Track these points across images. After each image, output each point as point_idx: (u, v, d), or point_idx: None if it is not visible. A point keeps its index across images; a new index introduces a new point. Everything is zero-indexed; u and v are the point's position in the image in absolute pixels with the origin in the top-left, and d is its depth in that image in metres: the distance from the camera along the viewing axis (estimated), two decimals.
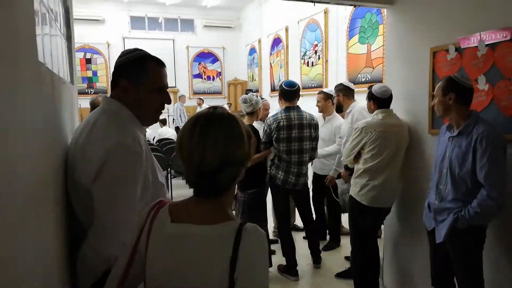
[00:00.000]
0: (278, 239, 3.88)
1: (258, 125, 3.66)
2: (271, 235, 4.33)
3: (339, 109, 3.77)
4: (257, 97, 3.49)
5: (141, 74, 1.34)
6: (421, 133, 2.92)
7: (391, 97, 2.92)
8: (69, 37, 2.04)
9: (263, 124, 3.58)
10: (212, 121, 1.00)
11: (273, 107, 3.51)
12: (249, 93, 3.58)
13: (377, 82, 5.99)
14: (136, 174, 1.25)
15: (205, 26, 12.81)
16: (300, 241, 4.16)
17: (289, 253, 3.50)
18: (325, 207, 4.24)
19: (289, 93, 3.39)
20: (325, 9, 7.75)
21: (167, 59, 12.90)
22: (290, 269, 3.49)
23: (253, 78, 12.41)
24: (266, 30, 10.98)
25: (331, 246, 4.15)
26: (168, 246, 1.00)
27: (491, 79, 2.35)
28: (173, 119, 11.26)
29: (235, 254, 0.94)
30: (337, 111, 3.88)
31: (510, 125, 2.23)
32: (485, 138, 2.01)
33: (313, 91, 8.46)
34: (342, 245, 4.18)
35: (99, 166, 1.20)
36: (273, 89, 10.72)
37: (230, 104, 11.89)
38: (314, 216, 3.89)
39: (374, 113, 2.92)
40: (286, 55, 9.93)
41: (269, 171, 3.51)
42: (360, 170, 2.91)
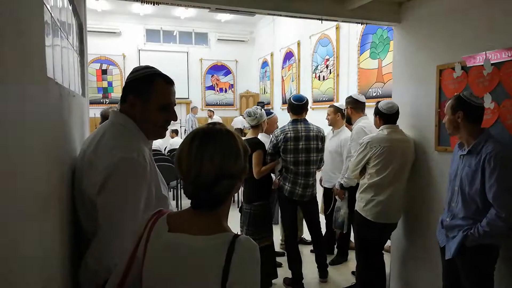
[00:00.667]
0: (285, 251, 3.87)
1: (266, 138, 3.70)
2: (278, 247, 4.33)
3: (349, 121, 3.80)
4: (261, 110, 3.54)
5: (148, 92, 1.40)
6: (427, 150, 2.92)
7: (397, 113, 2.93)
8: (81, 51, 2.12)
9: (269, 137, 3.62)
10: (210, 135, 1.06)
11: (285, 119, 3.55)
12: (253, 107, 3.64)
13: (387, 97, 5.99)
14: (140, 187, 1.29)
15: (218, 39, 13.01)
16: (308, 255, 4.15)
17: (295, 266, 3.49)
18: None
19: (297, 107, 3.43)
20: (336, 24, 7.82)
21: (180, 71, 13.13)
22: (295, 283, 3.47)
23: (264, 91, 12.50)
24: (279, 44, 11.10)
25: (338, 261, 4.12)
26: (164, 255, 1.04)
27: (497, 97, 2.35)
28: (185, 129, 11.39)
29: (228, 264, 0.98)
30: (348, 123, 3.91)
31: (509, 143, 2.23)
32: (493, 158, 2.00)
33: (324, 104, 8.48)
34: (349, 259, 4.15)
35: (104, 178, 1.24)
36: (284, 101, 10.78)
37: (243, 116, 11.96)
38: (323, 229, 3.87)
39: (380, 128, 2.94)
40: (297, 68, 10.00)
41: (278, 182, 3.53)
42: (365, 185, 2.92)
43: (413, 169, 2.98)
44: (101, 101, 11.62)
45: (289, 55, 10.52)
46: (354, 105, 3.68)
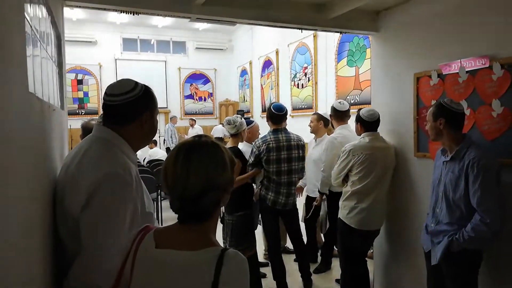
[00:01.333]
0: (268, 262, 3.86)
1: (247, 148, 3.69)
2: (262, 257, 4.30)
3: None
4: (241, 119, 3.52)
5: (154, 104, 1.44)
6: (407, 156, 2.98)
7: (378, 120, 2.98)
8: (60, 63, 2.07)
9: (251, 146, 3.61)
10: (195, 148, 1.05)
11: (266, 126, 3.56)
12: (234, 115, 3.63)
13: (365, 104, 6.11)
14: (125, 205, 1.26)
15: (197, 48, 12.98)
16: (292, 264, 4.14)
17: (279, 276, 3.47)
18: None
19: (278, 116, 3.44)
20: (314, 33, 7.94)
21: (158, 80, 13.01)
22: None
23: (244, 99, 12.53)
24: (257, 53, 11.17)
25: (322, 269, 4.12)
26: (152, 272, 1.02)
27: (472, 104, 2.43)
28: (164, 139, 11.26)
29: (216, 279, 0.96)
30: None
31: (492, 148, 2.30)
32: (476, 164, 2.03)
33: (303, 112, 8.57)
34: (333, 267, 4.16)
35: (88, 196, 1.20)
36: (264, 110, 10.82)
37: (223, 124, 11.94)
38: (305, 238, 3.89)
39: (361, 136, 2.98)
40: (276, 77, 10.08)
41: (260, 193, 3.52)
42: (348, 193, 2.94)
43: (394, 175, 3.03)
44: (77, 111, 11.36)
45: (267, 63, 10.59)
46: (333, 113, 3.73)
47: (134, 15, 2.68)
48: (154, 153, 8.20)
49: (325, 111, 4.01)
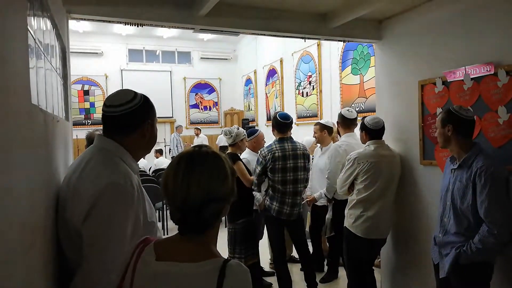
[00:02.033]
0: (274, 271, 3.82)
1: (253, 156, 3.70)
2: (268, 267, 4.27)
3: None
4: (238, 129, 3.62)
5: (154, 111, 1.45)
6: (413, 164, 2.95)
7: (383, 128, 2.96)
8: (65, 75, 2.09)
9: (256, 155, 3.62)
10: (196, 159, 1.04)
11: (269, 135, 3.57)
12: (233, 126, 3.73)
13: (370, 111, 6.09)
14: (127, 214, 1.25)
15: (201, 58, 13.07)
16: (298, 273, 4.10)
17: (285, 286, 3.43)
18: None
19: (284, 125, 3.43)
20: (318, 42, 7.96)
21: (164, 90, 13.06)
22: None
23: (249, 108, 12.55)
24: (262, 62, 11.21)
25: (329, 278, 4.08)
26: (152, 285, 1.00)
27: (478, 111, 2.40)
28: (170, 149, 11.29)
29: None
30: None
31: (498, 155, 2.27)
32: (483, 173, 1.98)
33: (308, 120, 8.56)
34: (340, 276, 4.11)
35: (89, 207, 1.20)
36: (268, 118, 10.82)
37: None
38: (310, 247, 3.86)
39: (366, 144, 2.96)
40: (281, 85, 10.10)
41: (264, 203, 3.51)
42: (353, 201, 2.92)
43: (400, 184, 3.00)
44: (83, 122, 11.45)
45: (272, 72, 10.63)
46: (341, 121, 3.72)
47: (138, 27, 2.71)
48: (160, 162, 8.22)
49: (329, 119, 4.00)
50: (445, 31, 2.64)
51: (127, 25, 2.63)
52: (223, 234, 3.07)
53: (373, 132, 2.94)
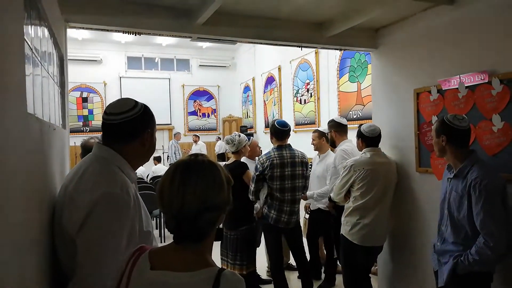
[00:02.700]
0: (271, 279, 3.81)
1: (249, 164, 3.70)
2: (265, 275, 4.25)
3: (333, 144, 3.83)
4: (239, 136, 3.60)
5: (154, 121, 1.46)
6: (408, 171, 2.96)
7: (379, 136, 2.97)
8: (62, 83, 2.10)
9: (254, 163, 3.62)
10: (192, 168, 1.04)
11: (266, 144, 3.58)
12: (233, 133, 3.71)
13: (368, 119, 6.12)
14: (122, 223, 1.25)
15: (200, 65, 13.15)
16: (295, 280, 4.08)
17: None
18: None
19: (282, 132, 3.43)
20: (315, 50, 8.02)
21: (163, 97, 13.08)
22: None
23: (247, 115, 12.59)
24: (260, 69, 11.28)
25: (326, 286, 4.06)
26: None
27: (472, 119, 2.41)
28: (168, 156, 11.28)
29: None
30: (332, 146, 3.93)
31: (493, 164, 2.28)
32: (478, 184, 1.96)
33: (306, 127, 8.59)
34: (337, 284, 4.10)
35: (85, 216, 1.20)
36: (267, 125, 10.86)
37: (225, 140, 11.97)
38: (307, 255, 3.84)
39: (363, 151, 2.97)
40: (279, 93, 10.15)
41: (262, 211, 3.50)
42: (350, 209, 2.92)
43: (396, 191, 3.01)
44: (82, 129, 11.47)
45: (270, 80, 10.68)
46: (337, 128, 3.72)
47: (137, 35, 2.73)
48: (158, 169, 8.21)
49: (326, 127, 4.00)
50: (440, 40, 2.67)
51: (125, 33, 2.65)
52: (217, 243, 3.07)
53: (370, 140, 2.95)
